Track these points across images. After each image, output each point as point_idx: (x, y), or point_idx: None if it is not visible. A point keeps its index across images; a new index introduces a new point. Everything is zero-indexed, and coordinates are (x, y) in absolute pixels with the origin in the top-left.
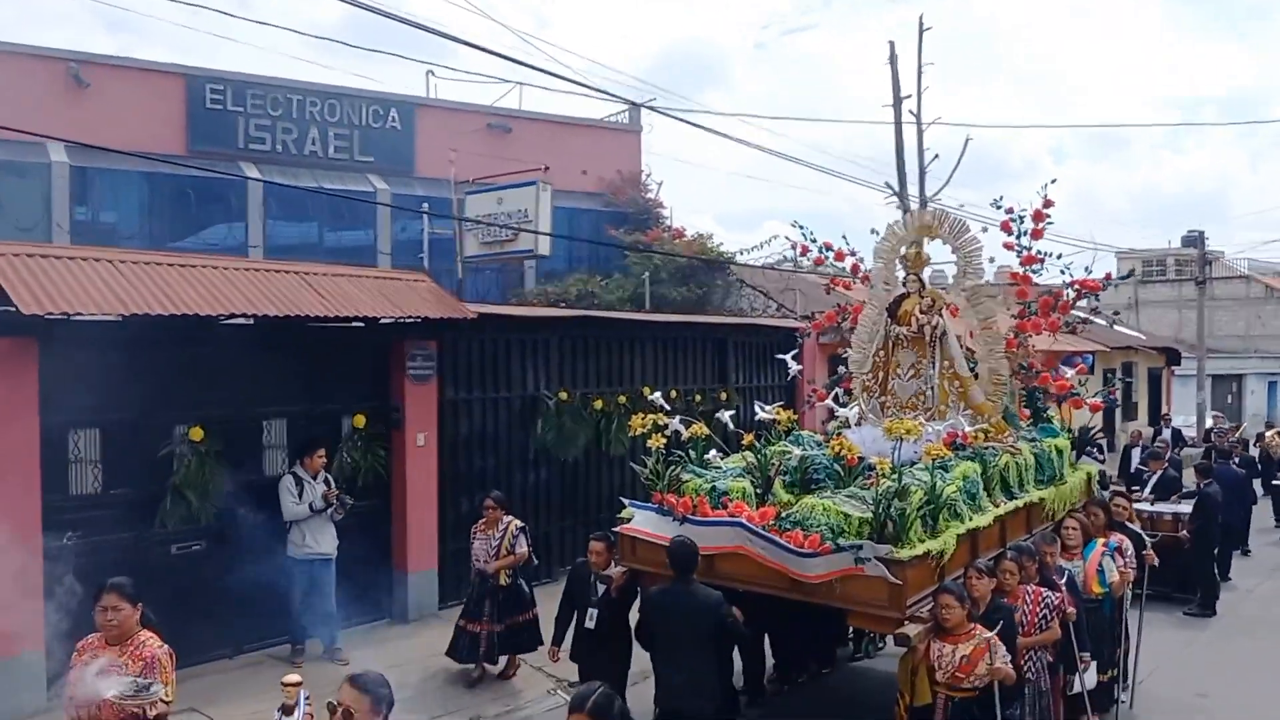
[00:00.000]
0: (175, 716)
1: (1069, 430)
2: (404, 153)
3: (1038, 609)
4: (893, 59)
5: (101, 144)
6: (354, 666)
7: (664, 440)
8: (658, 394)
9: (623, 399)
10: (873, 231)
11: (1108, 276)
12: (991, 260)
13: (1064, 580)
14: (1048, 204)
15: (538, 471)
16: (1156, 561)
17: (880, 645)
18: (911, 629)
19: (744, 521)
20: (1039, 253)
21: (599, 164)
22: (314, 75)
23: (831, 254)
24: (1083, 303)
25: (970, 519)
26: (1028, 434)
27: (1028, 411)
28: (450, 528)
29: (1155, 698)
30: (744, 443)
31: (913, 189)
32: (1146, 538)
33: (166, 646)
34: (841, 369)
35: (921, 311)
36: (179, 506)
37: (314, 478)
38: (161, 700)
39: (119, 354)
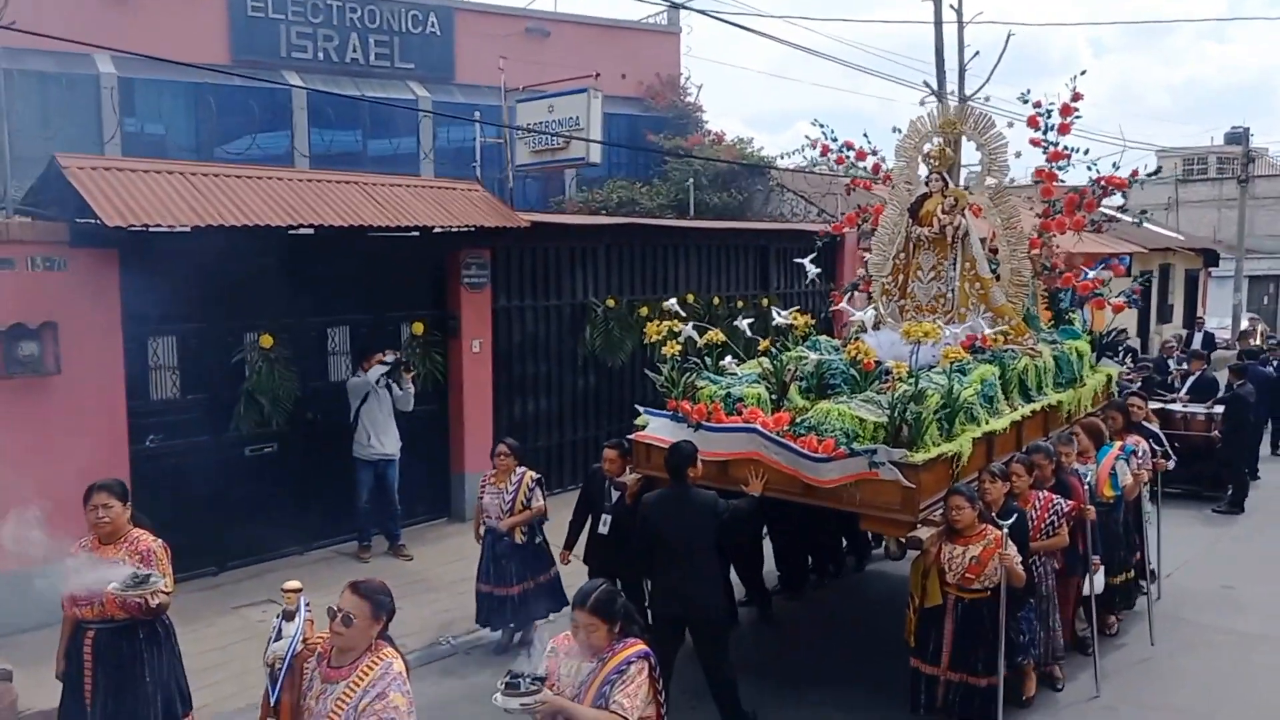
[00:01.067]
0: (255, 606)
1: (1090, 332)
2: (444, 59)
3: (1045, 515)
4: None
5: (146, 54)
6: (417, 562)
7: (678, 347)
8: (672, 300)
9: (716, 301)
10: (894, 129)
11: (1134, 173)
12: (1018, 155)
13: (1086, 481)
14: (1076, 98)
15: (586, 377)
16: (1171, 465)
17: (860, 567)
18: (924, 532)
19: (758, 427)
20: (1066, 148)
21: (638, 67)
22: None
23: (853, 153)
24: (1113, 199)
25: (986, 423)
26: (1048, 336)
27: (1050, 313)
28: (504, 431)
29: (1183, 590)
30: (760, 349)
31: (952, 86)
32: (1163, 438)
33: (160, 540)
34: (861, 271)
35: (944, 211)
36: (252, 411)
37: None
38: (162, 591)
39: (192, 264)
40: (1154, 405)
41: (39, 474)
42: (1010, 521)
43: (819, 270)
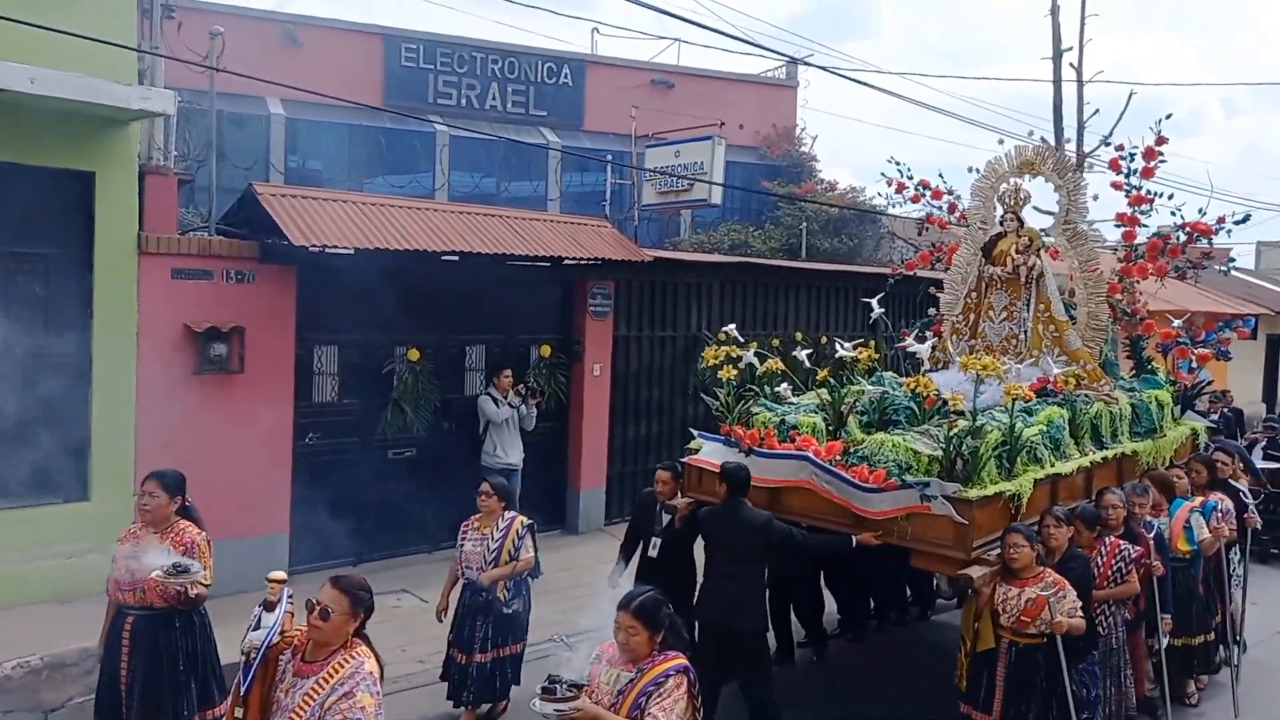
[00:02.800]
0: (390, 594)
1: (1173, 382)
2: (574, 107)
3: (1113, 560)
4: (1054, 9)
5: (310, 97)
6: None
7: (735, 373)
8: (731, 326)
9: (776, 342)
10: (970, 169)
11: (1221, 219)
12: (1095, 198)
13: (1152, 534)
14: (1160, 141)
15: (695, 405)
16: (1259, 523)
17: (929, 611)
18: (976, 571)
19: (810, 455)
20: (1149, 193)
21: (756, 118)
22: (486, 31)
23: (929, 192)
24: (1204, 243)
25: (1051, 465)
26: (1126, 384)
27: (1131, 362)
28: (618, 452)
29: (1265, 666)
30: (818, 379)
31: (1069, 145)
32: (1250, 496)
33: (205, 533)
34: (932, 311)
35: (1018, 251)
36: (397, 417)
37: (504, 396)
38: (201, 582)
39: (355, 282)
40: (1269, 465)
41: (220, 461)
42: (1069, 575)
43: (883, 310)
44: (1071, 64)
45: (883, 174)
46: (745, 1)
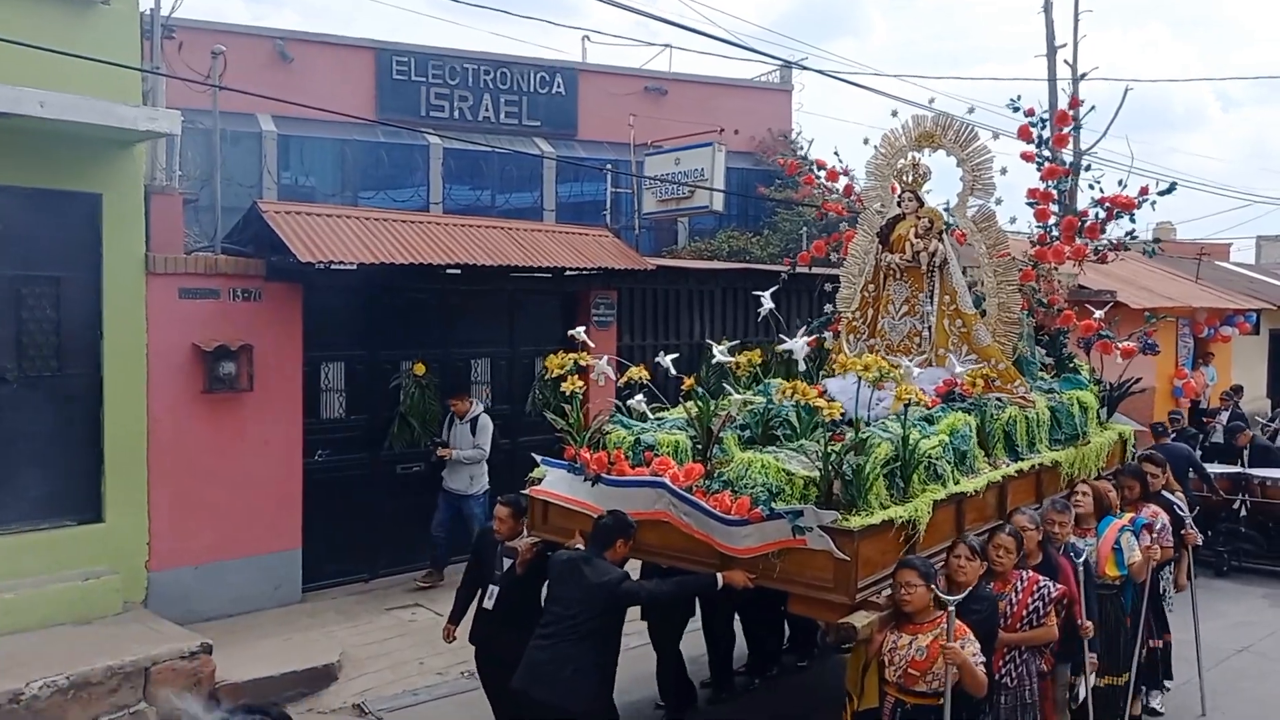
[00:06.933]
0: (405, 609)
1: (1098, 382)
2: (568, 116)
3: (1029, 599)
4: (1048, 6)
5: (302, 113)
6: None
7: (580, 383)
8: (580, 328)
9: (778, 347)
10: (865, 141)
11: (1144, 190)
12: (1004, 172)
13: (1080, 560)
14: (1074, 103)
15: None
16: (1200, 540)
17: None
18: (859, 618)
19: (665, 481)
20: (1063, 164)
21: (750, 123)
22: (477, 42)
23: (824, 173)
24: (1122, 223)
25: (956, 482)
26: (1045, 385)
27: (1052, 361)
28: None
29: (1231, 693)
30: (683, 388)
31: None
32: (1185, 510)
33: None
34: (828, 308)
35: (917, 235)
36: (405, 432)
37: (460, 418)
38: None
39: (360, 297)
40: (1222, 470)
41: (230, 479)
42: (958, 598)
43: (771, 305)
44: (1066, 61)
45: (780, 154)
46: (734, 3)
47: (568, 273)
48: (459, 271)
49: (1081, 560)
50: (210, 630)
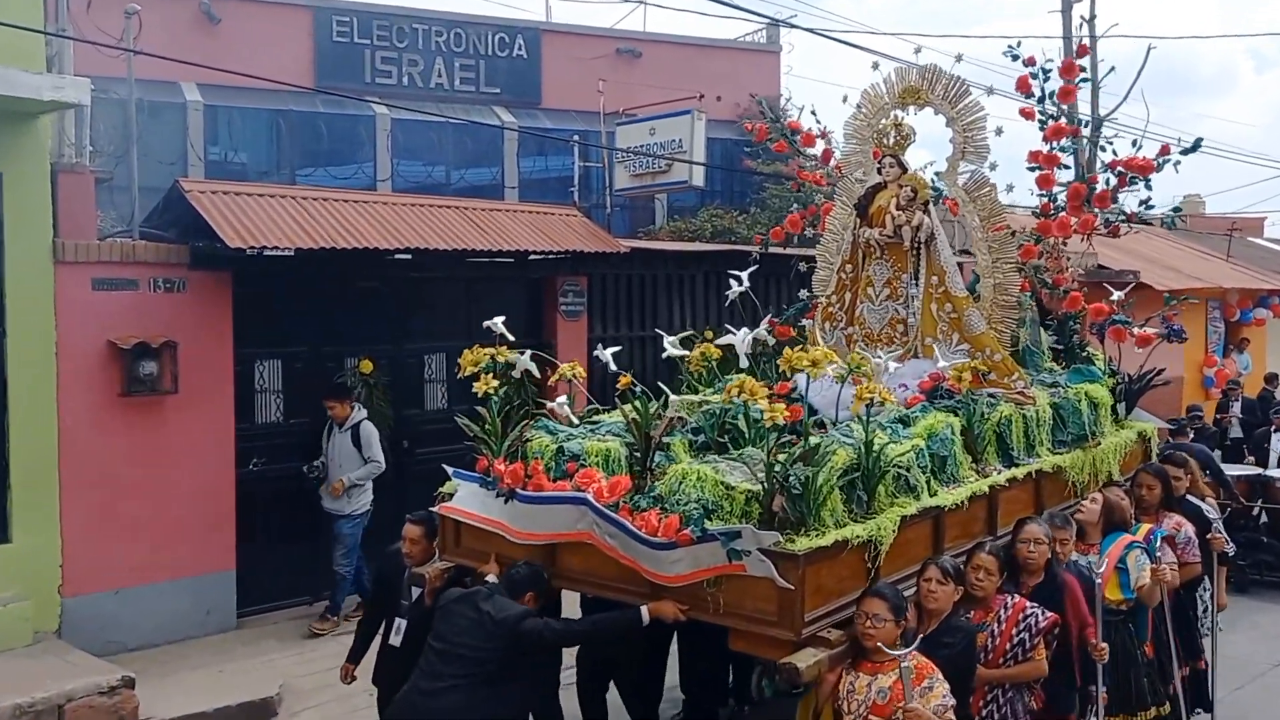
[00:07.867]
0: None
1: (1115, 373)
2: (531, 83)
3: (1013, 629)
4: None
5: (231, 81)
6: None
7: (495, 383)
8: (498, 318)
9: (718, 340)
10: (844, 100)
11: (1164, 149)
12: (999, 132)
13: (1092, 575)
14: (1082, 52)
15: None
16: (1231, 548)
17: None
18: (804, 658)
19: (588, 497)
20: (1070, 121)
21: (734, 88)
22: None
23: (798, 138)
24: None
25: (931, 495)
26: (1049, 378)
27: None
28: None
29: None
30: (618, 387)
31: (1083, 107)
32: (1214, 516)
33: None
34: (803, 292)
35: (899, 207)
36: None
37: (340, 426)
38: None
39: (298, 287)
40: (1240, 472)
41: (154, 492)
42: (908, 650)
43: (742, 288)
44: (1083, 16)
45: (748, 119)
46: None
47: (532, 257)
48: (409, 257)
49: (1094, 575)
50: (133, 662)
